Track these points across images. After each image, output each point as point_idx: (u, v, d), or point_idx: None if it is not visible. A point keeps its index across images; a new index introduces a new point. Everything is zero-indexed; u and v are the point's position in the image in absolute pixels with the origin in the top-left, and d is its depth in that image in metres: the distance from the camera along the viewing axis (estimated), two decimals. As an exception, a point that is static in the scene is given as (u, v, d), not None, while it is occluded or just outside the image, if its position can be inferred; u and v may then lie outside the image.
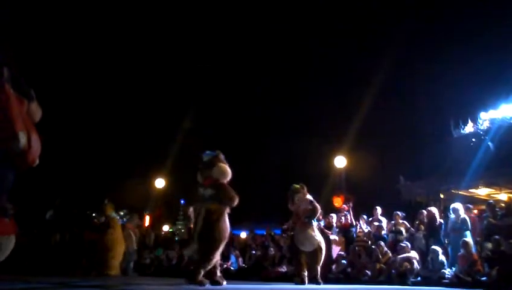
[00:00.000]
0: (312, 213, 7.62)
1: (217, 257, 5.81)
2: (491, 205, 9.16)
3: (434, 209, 9.42)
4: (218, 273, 5.92)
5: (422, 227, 9.31)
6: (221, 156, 6.22)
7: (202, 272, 5.56)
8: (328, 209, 11.85)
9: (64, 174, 22.54)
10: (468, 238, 8.22)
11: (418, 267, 8.29)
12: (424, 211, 9.65)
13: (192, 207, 6.22)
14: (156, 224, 21.40)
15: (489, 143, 15.03)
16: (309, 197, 7.79)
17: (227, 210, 5.97)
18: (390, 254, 8.94)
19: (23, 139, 3.40)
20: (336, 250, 9.91)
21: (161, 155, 24.05)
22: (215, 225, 5.74)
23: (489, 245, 7.84)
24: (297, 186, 7.86)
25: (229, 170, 6.11)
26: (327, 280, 8.43)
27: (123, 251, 9.86)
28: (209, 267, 5.69)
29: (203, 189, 5.99)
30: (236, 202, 5.95)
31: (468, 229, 8.43)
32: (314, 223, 7.84)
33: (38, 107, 3.92)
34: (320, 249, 7.55)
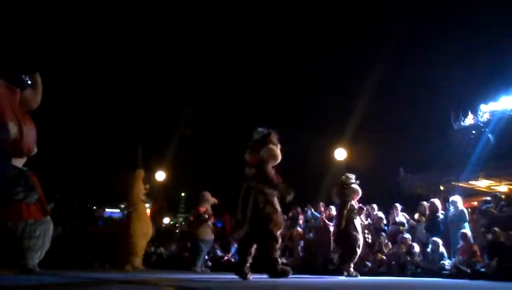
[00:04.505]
0: None
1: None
2: (497, 197, 9.16)
3: (437, 201, 9.42)
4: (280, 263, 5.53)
5: (423, 219, 9.33)
6: (274, 137, 5.75)
7: (279, 262, 5.31)
8: (329, 201, 11.86)
9: (65, 167, 22.56)
10: (467, 229, 8.24)
11: (419, 258, 8.32)
12: (425, 203, 9.65)
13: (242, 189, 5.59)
14: (156, 217, 21.43)
15: (490, 135, 15.03)
16: None
17: (275, 194, 5.50)
18: (391, 246, 8.97)
19: (13, 130, 3.36)
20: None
21: (162, 148, 24.04)
22: (265, 209, 5.33)
23: (489, 236, 7.87)
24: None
25: (278, 152, 5.64)
26: (327, 272, 8.45)
27: None
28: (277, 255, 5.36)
29: (249, 169, 5.59)
30: (276, 186, 5.44)
31: (466, 221, 8.46)
32: None
33: (34, 93, 3.82)
34: None
